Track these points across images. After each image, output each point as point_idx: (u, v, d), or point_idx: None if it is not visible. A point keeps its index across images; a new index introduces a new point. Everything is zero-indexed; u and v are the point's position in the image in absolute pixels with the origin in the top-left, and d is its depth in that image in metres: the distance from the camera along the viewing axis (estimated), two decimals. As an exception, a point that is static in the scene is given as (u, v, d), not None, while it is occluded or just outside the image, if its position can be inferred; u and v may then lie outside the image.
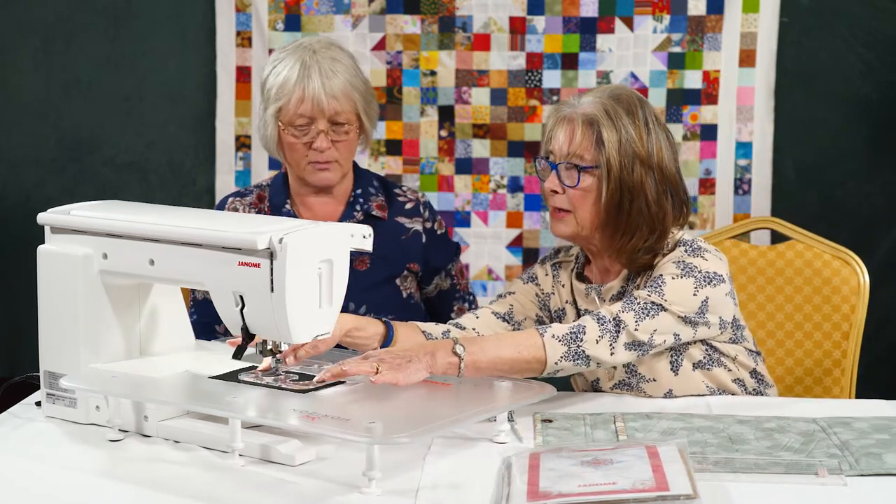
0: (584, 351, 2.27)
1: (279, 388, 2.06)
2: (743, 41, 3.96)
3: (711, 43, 3.97)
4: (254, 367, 2.14)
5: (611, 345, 2.28)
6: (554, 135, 2.42)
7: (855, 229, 3.99)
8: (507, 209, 4.08)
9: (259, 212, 2.73)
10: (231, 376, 2.12)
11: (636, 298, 2.33)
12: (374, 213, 2.75)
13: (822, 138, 4.02)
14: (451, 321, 2.54)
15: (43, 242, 2.20)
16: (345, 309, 2.40)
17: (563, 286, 2.57)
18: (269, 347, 2.08)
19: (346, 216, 2.74)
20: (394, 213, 2.78)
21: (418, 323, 2.50)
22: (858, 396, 2.79)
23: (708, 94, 3.97)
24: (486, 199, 4.07)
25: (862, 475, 1.92)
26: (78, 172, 4.19)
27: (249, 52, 4.05)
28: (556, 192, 2.41)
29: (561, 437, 2.11)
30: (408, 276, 2.77)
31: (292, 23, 4.03)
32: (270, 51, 4.02)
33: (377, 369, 2.07)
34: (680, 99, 3.99)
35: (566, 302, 2.55)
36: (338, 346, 2.34)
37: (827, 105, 4.00)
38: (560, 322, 2.55)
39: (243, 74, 4.06)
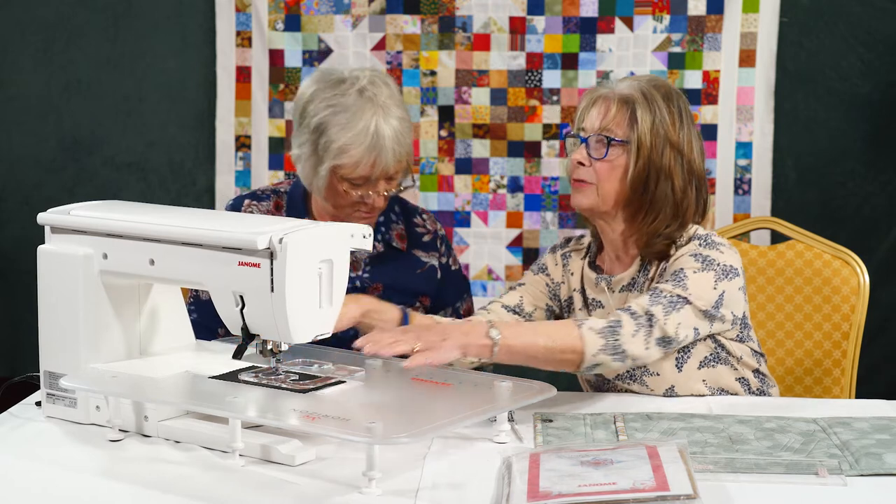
0: (621, 345, 2.25)
1: (279, 388, 2.06)
2: (743, 41, 3.96)
3: (711, 43, 3.97)
4: (254, 367, 2.15)
5: (646, 340, 2.27)
6: (587, 112, 2.44)
7: (855, 229, 3.99)
8: (507, 209, 4.08)
9: None
10: (231, 376, 2.12)
11: (662, 292, 2.31)
12: (394, 243, 2.71)
13: (822, 138, 4.02)
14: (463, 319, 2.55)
15: (43, 242, 2.20)
16: (353, 333, 2.45)
17: (572, 275, 2.56)
18: (269, 347, 2.08)
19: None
20: (412, 244, 2.74)
21: (433, 316, 2.52)
22: (858, 396, 2.79)
23: (708, 94, 3.97)
24: (486, 199, 4.07)
25: (862, 475, 1.92)
26: (78, 172, 4.19)
27: (249, 52, 4.05)
28: (582, 163, 2.42)
29: (561, 437, 2.11)
30: (418, 308, 2.72)
31: (292, 23, 4.03)
32: (270, 51, 4.03)
33: (413, 349, 2.08)
34: (680, 99, 3.99)
35: (574, 290, 2.55)
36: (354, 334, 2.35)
37: (827, 105, 4.00)
38: (569, 311, 2.55)
39: (243, 74, 4.06)
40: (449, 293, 2.79)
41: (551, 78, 4.01)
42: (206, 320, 2.65)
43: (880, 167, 4.02)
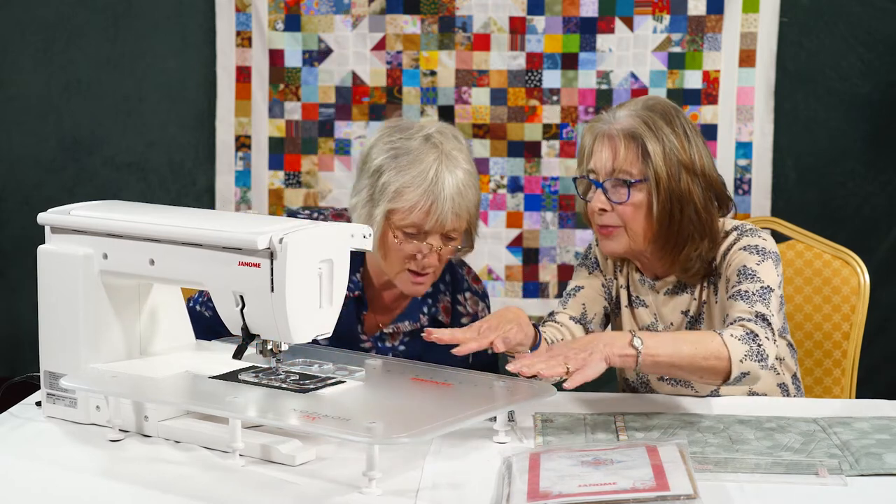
0: (764, 350, 2.21)
1: (279, 388, 2.06)
2: (743, 41, 3.96)
3: (711, 43, 3.97)
4: (254, 367, 2.14)
5: (773, 339, 2.25)
6: (594, 152, 2.39)
7: (855, 229, 3.99)
8: (507, 209, 4.08)
9: None
10: (231, 376, 2.12)
11: (748, 292, 2.30)
12: (439, 317, 2.56)
13: (822, 138, 4.02)
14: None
15: (43, 242, 2.20)
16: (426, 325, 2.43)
17: (620, 270, 2.55)
18: (269, 347, 2.07)
19: (411, 316, 2.55)
20: (455, 319, 2.58)
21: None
22: (858, 396, 2.79)
23: (708, 94, 3.97)
24: (486, 199, 4.07)
25: (862, 475, 1.92)
26: (78, 172, 4.19)
27: (249, 52, 4.05)
28: (605, 210, 2.38)
29: (561, 437, 2.11)
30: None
31: (292, 23, 4.03)
32: (270, 51, 4.03)
33: (567, 370, 2.06)
34: (680, 99, 3.99)
35: (621, 287, 2.54)
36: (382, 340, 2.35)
37: (827, 105, 4.00)
38: (616, 310, 2.54)
39: (243, 74, 4.06)
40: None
41: (551, 78, 4.01)
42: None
43: (880, 167, 4.02)
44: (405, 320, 2.55)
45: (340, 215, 2.62)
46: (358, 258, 2.52)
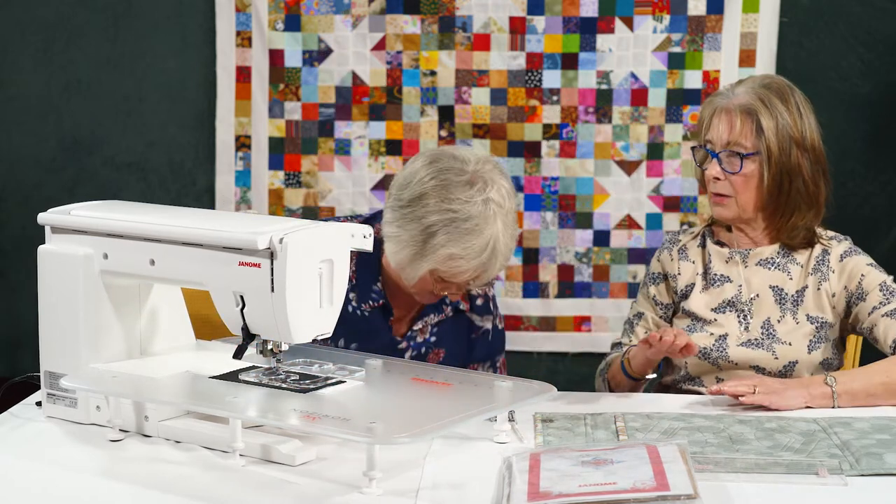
0: None
1: (279, 388, 2.06)
2: (743, 41, 3.96)
3: (711, 43, 3.97)
4: (254, 367, 2.14)
5: None
6: (712, 124, 2.57)
7: (855, 229, 3.97)
8: (507, 209, 4.07)
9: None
10: (231, 376, 2.12)
11: (890, 287, 2.55)
12: (461, 306, 2.60)
13: (822, 138, 4.01)
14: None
15: (43, 242, 2.20)
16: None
17: (693, 262, 2.65)
18: (269, 347, 2.07)
19: (435, 309, 2.58)
20: (472, 302, 2.63)
21: None
22: (858, 396, 2.79)
23: (708, 94, 3.97)
24: (486, 199, 4.06)
25: (862, 475, 1.92)
26: (78, 172, 4.19)
27: (249, 52, 4.05)
28: (718, 178, 2.55)
29: (561, 437, 2.11)
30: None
31: (292, 23, 4.03)
32: (270, 51, 4.03)
33: (754, 389, 2.28)
34: (680, 99, 3.99)
35: (697, 274, 2.64)
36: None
37: (827, 105, 3.99)
38: (684, 299, 2.62)
39: (243, 74, 4.06)
40: (494, 349, 2.69)
41: (551, 78, 4.01)
42: None
43: (880, 167, 4.02)
44: (430, 314, 2.59)
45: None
46: (375, 267, 2.52)
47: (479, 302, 2.64)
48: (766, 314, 2.56)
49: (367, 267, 2.52)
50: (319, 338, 2.07)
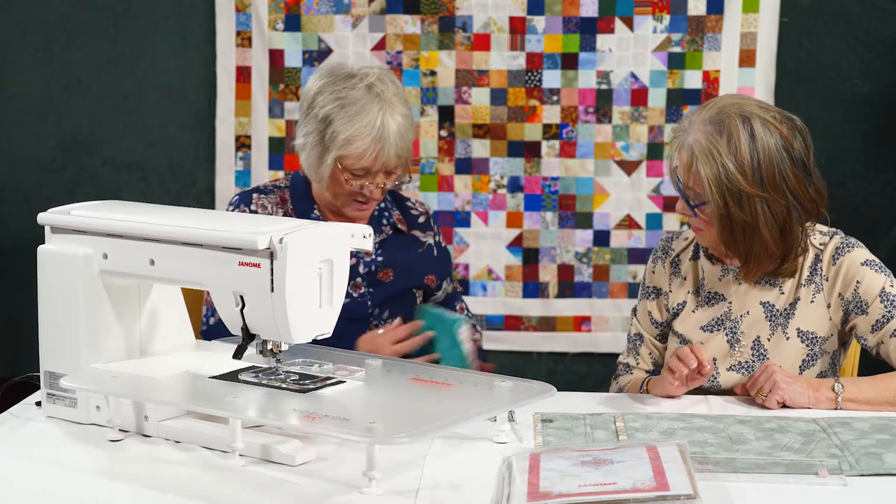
0: None
1: (279, 388, 2.06)
2: (743, 41, 3.96)
3: (711, 43, 3.97)
4: (254, 367, 2.14)
5: None
6: (674, 157, 2.43)
7: (855, 229, 3.97)
8: (507, 209, 4.08)
9: (285, 213, 2.73)
10: (231, 376, 2.12)
11: (890, 296, 2.43)
12: (399, 227, 2.81)
13: (822, 138, 4.00)
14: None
15: (43, 242, 2.20)
16: (374, 315, 2.68)
17: (684, 279, 2.57)
18: (269, 347, 2.07)
19: (376, 230, 2.76)
20: (410, 226, 2.84)
21: None
22: (858, 396, 2.79)
23: (708, 94, 3.97)
24: (486, 199, 4.07)
25: (862, 475, 1.92)
26: (78, 172, 4.19)
27: (249, 52, 4.05)
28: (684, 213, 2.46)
29: (561, 437, 2.11)
30: (421, 287, 2.82)
31: (292, 23, 4.03)
32: (271, 51, 4.03)
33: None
34: (680, 99, 3.99)
35: (688, 293, 2.55)
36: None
37: (827, 105, 4.00)
38: (674, 318, 2.56)
39: (243, 74, 4.06)
40: (445, 267, 2.90)
41: (551, 78, 4.01)
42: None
43: (880, 167, 4.03)
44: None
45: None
46: (309, 197, 2.76)
47: (420, 220, 2.85)
48: (757, 332, 2.47)
49: (301, 200, 2.75)
50: (319, 338, 2.07)
